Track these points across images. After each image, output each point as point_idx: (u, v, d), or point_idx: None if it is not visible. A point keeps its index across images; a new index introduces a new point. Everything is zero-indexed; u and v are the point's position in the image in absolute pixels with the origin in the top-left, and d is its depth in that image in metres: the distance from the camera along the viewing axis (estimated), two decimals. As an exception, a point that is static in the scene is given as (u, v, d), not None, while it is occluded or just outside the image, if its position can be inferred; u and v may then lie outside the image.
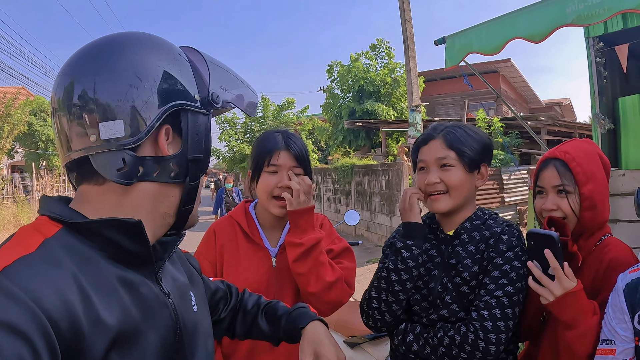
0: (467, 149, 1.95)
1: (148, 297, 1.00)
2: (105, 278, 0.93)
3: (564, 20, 3.70)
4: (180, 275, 1.24)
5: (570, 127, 17.67)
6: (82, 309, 0.84)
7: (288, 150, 2.12)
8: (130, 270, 0.99)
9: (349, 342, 3.60)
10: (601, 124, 5.64)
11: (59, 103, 0.99)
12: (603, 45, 5.54)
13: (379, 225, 14.98)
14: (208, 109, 1.08)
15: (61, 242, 0.91)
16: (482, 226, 1.97)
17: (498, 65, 27.72)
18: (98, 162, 0.98)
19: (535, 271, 1.69)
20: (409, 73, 12.44)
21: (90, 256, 0.93)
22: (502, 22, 4.41)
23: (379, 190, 14.95)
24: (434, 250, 2.02)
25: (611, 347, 1.59)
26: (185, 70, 1.06)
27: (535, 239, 1.72)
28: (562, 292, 1.63)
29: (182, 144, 1.04)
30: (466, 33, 4.94)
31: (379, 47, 23.57)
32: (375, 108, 21.57)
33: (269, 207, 2.13)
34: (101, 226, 0.95)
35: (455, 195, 1.96)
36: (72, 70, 1.00)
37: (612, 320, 1.61)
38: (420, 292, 1.99)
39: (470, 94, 26.49)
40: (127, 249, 0.98)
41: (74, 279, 0.86)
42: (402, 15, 12.28)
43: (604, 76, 5.68)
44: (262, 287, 2.09)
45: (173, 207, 1.08)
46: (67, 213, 0.98)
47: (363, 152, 22.73)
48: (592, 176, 1.87)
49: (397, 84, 22.38)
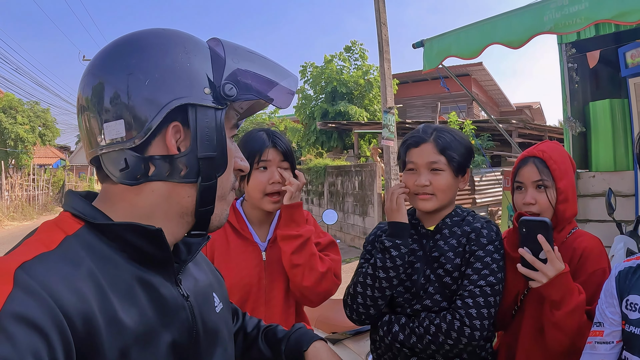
0: (456, 155, 2.05)
1: (166, 299, 0.99)
2: (124, 278, 0.93)
3: (542, 28, 3.78)
4: (203, 275, 1.23)
5: (540, 130, 17.95)
6: (99, 307, 0.84)
7: (275, 148, 2.19)
8: (149, 271, 0.99)
9: (330, 339, 3.59)
10: (572, 127, 5.80)
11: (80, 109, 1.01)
12: (575, 51, 5.68)
13: (352, 225, 15.05)
14: (221, 103, 1.00)
15: (81, 240, 0.92)
16: (461, 222, 2.10)
17: (470, 68, 28.01)
18: (106, 162, 0.98)
19: (528, 256, 1.81)
20: (383, 75, 12.49)
21: (109, 256, 0.94)
22: (480, 27, 4.48)
23: (352, 191, 15.01)
24: (416, 245, 2.11)
25: (600, 329, 1.70)
26: (197, 63, 1.00)
27: (527, 225, 1.84)
28: (555, 274, 1.75)
29: (191, 142, 0.98)
30: (444, 37, 5.00)
31: (353, 49, 23.68)
32: (348, 109, 21.65)
33: (262, 205, 2.19)
34: (122, 229, 0.95)
35: (442, 198, 2.06)
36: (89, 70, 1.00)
37: (603, 304, 1.72)
38: (404, 284, 2.07)
39: (442, 97, 26.71)
40: (146, 251, 0.98)
41: (92, 277, 0.87)
42: (377, 17, 12.34)
43: (576, 81, 5.83)
44: (253, 281, 2.15)
45: (190, 208, 1.04)
46: (90, 211, 0.98)
47: (335, 153, 22.78)
48: (566, 173, 2.07)
49: (371, 86, 22.51)
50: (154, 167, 0.98)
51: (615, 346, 1.66)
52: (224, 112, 1.01)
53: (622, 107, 5.38)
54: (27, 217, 24.89)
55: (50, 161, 41.90)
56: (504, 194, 5.57)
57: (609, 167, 5.54)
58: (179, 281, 1.07)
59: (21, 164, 30.86)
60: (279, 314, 2.19)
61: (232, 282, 2.10)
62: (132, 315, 0.90)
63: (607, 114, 5.45)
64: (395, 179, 12.57)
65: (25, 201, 26.99)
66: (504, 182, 5.58)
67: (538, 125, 19.45)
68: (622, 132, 5.39)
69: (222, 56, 1.03)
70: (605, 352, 1.67)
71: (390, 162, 12.39)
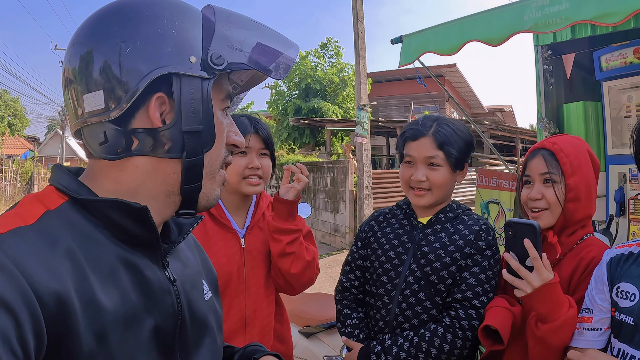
0: (455, 150, 2.01)
1: (150, 282, 0.95)
2: (107, 258, 0.89)
3: (522, 27, 3.78)
4: (193, 260, 1.19)
5: (512, 132, 18.20)
6: (76, 287, 0.80)
7: (257, 134, 2.18)
8: (134, 252, 0.94)
9: (304, 332, 3.64)
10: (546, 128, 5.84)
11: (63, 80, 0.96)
12: (551, 53, 5.72)
13: (323, 222, 15.05)
14: (209, 72, 0.93)
15: (63, 216, 0.88)
16: (455, 219, 2.06)
17: (443, 70, 28.24)
18: (86, 135, 0.95)
19: (513, 262, 1.66)
20: (358, 72, 12.54)
21: (92, 234, 0.89)
22: (460, 24, 4.46)
23: (323, 188, 15.02)
24: (406, 236, 2.09)
25: (589, 315, 1.65)
26: (184, 30, 0.93)
27: (514, 228, 1.69)
28: (540, 284, 1.60)
29: (175, 114, 0.92)
30: (423, 33, 4.98)
31: (328, 46, 23.71)
32: (321, 106, 21.69)
33: (241, 187, 2.16)
34: (105, 206, 0.91)
35: (438, 193, 2.03)
36: (72, 44, 0.94)
37: (593, 289, 1.67)
38: (388, 274, 2.07)
39: (415, 97, 26.90)
40: (131, 231, 0.93)
41: (71, 255, 0.83)
42: (354, 15, 12.37)
43: (550, 83, 5.87)
44: (233, 269, 2.12)
45: (176, 185, 0.98)
46: (74, 186, 0.93)
47: (307, 149, 22.80)
48: (579, 169, 1.87)
49: (345, 84, 22.56)
50: (137, 141, 0.93)
51: (603, 333, 1.62)
52: (212, 82, 0.94)
53: (596, 109, 5.44)
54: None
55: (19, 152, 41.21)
56: (477, 191, 5.59)
57: (581, 169, 5.52)
58: (165, 264, 1.02)
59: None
60: (259, 302, 2.17)
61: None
62: (112, 297, 0.85)
63: (581, 116, 5.50)
64: (367, 176, 12.61)
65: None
66: (478, 179, 5.59)
67: (510, 127, 19.71)
68: (595, 134, 5.44)
69: (212, 23, 0.96)
70: (593, 339, 1.63)
71: (362, 159, 12.44)
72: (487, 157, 17.00)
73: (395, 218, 2.21)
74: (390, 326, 2.03)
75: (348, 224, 13.66)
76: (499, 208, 5.37)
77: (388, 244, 2.12)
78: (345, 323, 2.18)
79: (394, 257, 2.07)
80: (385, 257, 2.10)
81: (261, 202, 2.34)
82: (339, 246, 13.77)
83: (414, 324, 1.99)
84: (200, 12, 0.99)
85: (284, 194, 2.13)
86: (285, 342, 2.32)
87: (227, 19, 0.98)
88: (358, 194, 12.91)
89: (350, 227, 13.60)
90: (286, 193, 2.13)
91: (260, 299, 2.17)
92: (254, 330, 2.12)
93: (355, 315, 2.18)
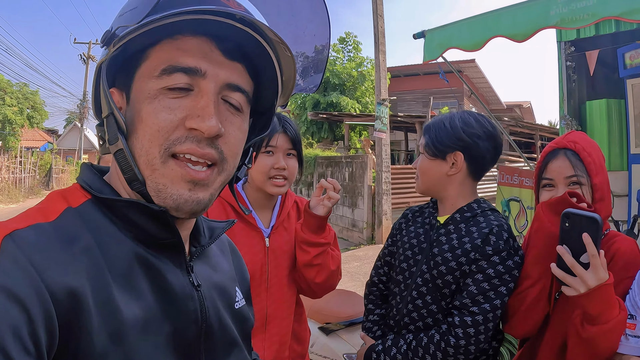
0: (429, 137, 2.07)
1: (172, 286, 0.92)
2: (127, 259, 0.87)
3: (548, 22, 3.74)
4: (227, 266, 1.17)
5: (532, 128, 18.04)
6: (92, 286, 0.79)
7: (285, 133, 2.14)
8: (156, 254, 0.92)
9: (324, 329, 3.62)
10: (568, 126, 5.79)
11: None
12: (574, 49, 5.67)
13: (341, 217, 15.02)
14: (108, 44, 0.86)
15: (85, 215, 0.86)
16: (471, 220, 1.98)
17: (462, 65, 28.02)
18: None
19: (567, 258, 1.52)
20: (377, 67, 12.50)
21: (113, 234, 0.87)
22: (484, 20, 4.42)
23: (341, 182, 14.95)
24: (423, 236, 2.08)
25: (632, 322, 1.53)
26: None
27: (573, 220, 1.52)
28: (596, 284, 1.46)
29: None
30: (446, 28, 4.94)
31: (347, 41, 23.64)
32: (339, 101, 21.64)
33: (266, 187, 2.13)
34: (125, 207, 0.89)
35: (422, 179, 2.11)
36: None
37: (636, 295, 1.55)
38: (404, 273, 2.08)
39: (434, 92, 26.76)
40: (153, 233, 0.91)
41: (90, 254, 0.81)
42: (374, 9, 12.32)
43: (573, 80, 5.82)
44: (257, 267, 2.10)
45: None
46: (98, 185, 0.92)
47: (325, 144, 22.78)
48: (601, 168, 1.81)
49: (363, 78, 22.50)
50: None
51: None
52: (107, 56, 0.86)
53: (619, 107, 5.37)
54: (13, 200, 24.79)
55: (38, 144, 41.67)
56: (498, 188, 5.55)
57: (604, 167, 5.46)
58: (190, 268, 0.99)
59: (8, 146, 30.63)
60: (280, 302, 2.16)
61: None
62: (129, 300, 0.83)
63: (604, 114, 5.44)
64: (386, 171, 12.57)
65: (11, 184, 26.81)
66: (499, 177, 5.56)
67: (529, 123, 19.53)
68: (618, 132, 5.38)
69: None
70: (636, 346, 1.52)
71: (382, 154, 12.39)
72: (506, 154, 16.90)
73: (422, 216, 2.20)
74: (399, 326, 2.05)
75: (366, 219, 13.62)
76: (520, 206, 5.31)
77: (409, 242, 2.13)
78: (367, 318, 2.23)
79: (410, 257, 2.08)
80: (404, 257, 2.11)
81: (287, 201, 2.33)
82: (357, 241, 13.75)
83: (419, 326, 1.97)
84: None
85: (314, 207, 2.12)
86: (303, 342, 2.31)
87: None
88: (376, 189, 12.86)
89: (368, 222, 13.57)
90: (316, 207, 2.12)
91: (282, 299, 2.18)
92: (273, 329, 2.12)
93: (378, 312, 2.22)
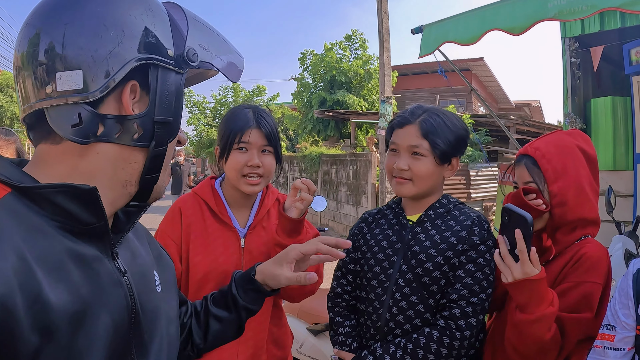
0: (441, 142, 1.90)
1: (101, 274, 0.91)
2: (54, 251, 0.84)
3: (545, 15, 3.66)
4: (144, 251, 1.15)
5: (539, 127, 17.89)
6: (21, 285, 0.75)
7: (259, 129, 2.04)
8: (83, 243, 0.91)
9: (313, 329, 3.61)
10: (572, 124, 5.67)
11: (22, 57, 0.91)
12: (578, 45, 5.56)
13: (345, 215, 14.95)
14: (182, 67, 0.97)
15: (7, 208, 0.82)
16: (446, 215, 1.96)
17: (470, 63, 27.93)
18: (52, 116, 0.90)
19: (502, 247, 1.63)
20: (382, 64, 12.39)
21: (39, 226, 0.85)
22: (481, 13, 4.36)
23: (346, 180, 14.90)
24: (395, 237, 1.99)
25: (611, 333, 1.56)
26: (161, 23, 0.96)
27: (509, 215, 1.65)
28: (521, 277, 1.56)
29: (149, 104, 0.94)
30: (444, 23, 4.89)
31: (354, 38, 23.56)
32: (346, 99, 21.55)
33: (239, 185, 2.05)
34: (51, 192, 0.86)
35: (420, 185, 1.93)
36: (35, 20, 0.91)
37: (616, 304, 1.58)
38: (378, 277, 1.96)
39: (441, 91, 26.67)
40: (79, 218, 0.89)
41: (16, 250, 0.77)
42: (378, 6, 12.22)
43: (578, 77, 5.72)
44: (231, 269, 2.00)
45: (135, 175, 0.98)
46: (17, 176, 0.88)
47: (332, 142, 22.72)
48: (563, 173, 1.86)
49: (370, 76, 22.40)
50: (103, 127, 0.92)
51: (626, 354, 1.52)
52: (184, 76, 0.99)
53: (625, 105, 5.28)
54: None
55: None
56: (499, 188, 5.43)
57: (609, 166, 5.42)
58: (115, 254, 0.99)
59: (18, 143, 30.83)
60: None
61: (208, 269, 2.01)
62: (60, 293, 0.81)
63: (609, 112, 5.35)
64: (389, 170, 12.46)
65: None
66: (500, 175, 5.44)
67: (536, 122, 19.37)
68: (623, 130, 5.29)
69: (185, 22, 1.00)
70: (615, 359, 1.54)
71: (386, 152, 12.29)
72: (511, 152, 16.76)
73: (384, 218, 2.11)
74: (382, 333, 1.93)
75: (369, 217, 13.49)
76: (520, 205, 5.18)
77: (377, 245, 2.02)
78: (338, 331, 2.08)
79: (383, 260, 1.97)
80: (375, 260, 1.99)
81: (267, 199, 2.22)
82: (359, 240, 13.67)
83: (407, 329, 1.88)
84: (166, 10, 1.01)
85: (288, 208, 2.00)
86: (283, 346, 2.21)
87: (195, 19, 1.02)
88: (380, 188, 12.79)
89: (371, 221, 13.43)
90: (290, 208, 1.99)
91: None
92: (247, 333, 1.92)
93: (347, 323, 2.08)
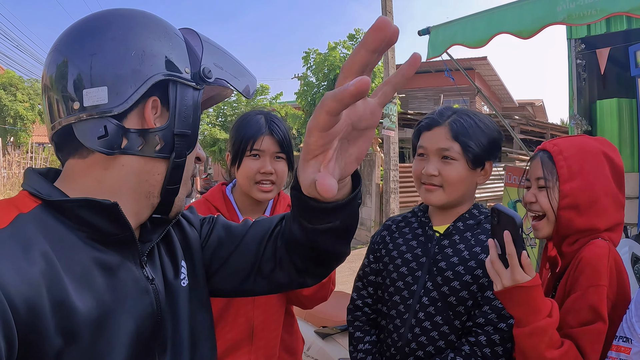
0: (473, 144, 1.74)
1: (126, 282, 0.96)
2: (81, 260, 0.90)
3: (554, 18, 3.66)
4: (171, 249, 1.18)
5: (543, 127, 17.88)
6: (48, 290, 0.81)
7: (271, 135, 2.01)
8: (110, 251, 0.96)
9: (320, 333, 3.56)
10: (578, 125, 5.67)
11: (51, 79, 0.97)
12: (584, 47, 5.56)
13: (348, 215, 14.90)
14: (199, 83, 1.04)
15: (36, 219, 0.88)
16: (476, 227, 1.80)
17: (474, 63, 27.83)
18: (80, 129, 0.94)
19: (492, 252, 1.48)
20: (386, 64, 12.39)
21: (66, 236, 0.90)
22: (489, 16, 4.36)
23: (350, 180, 14.83)
24: (420, 249, 1.83)
25: (626, 345, 1.44)
26: (178, 44, 1.03)
27: (499, 216, 1.48)
28: (510, 284, 1.42)
29: (169, 117, 1.00)
30: (451, 25, 4.88)
31: (357, 37, 23.53)
32: (350, 98, 21.58)
33: (251, 192, 2.03)
34: (75, 206, 0.92)
35: (451, 192, 1.77)
36: (62, 46, 0.98)
37: (632, 317, 1.45)
38: (401, 293, 1.82)
39: (445, 90, 26.62)
40: (103, 230, 0.94)
41: (45, 258, 0.83)
42: (383, 5, 12.23)
43: (583, 78, 5.72)
44: None
45: (158, 186, 1.03)
46: (46, 189, 0.95)
47: (335, 141, 22.72)
48: (579, 173, 1.68)
49: (374, 76, 22.35)
50: (127, 141, 0.97)
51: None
52: (201, 92, 1.05)
53: (630, 107, 5.28)
54: (24, 195, 24.87)
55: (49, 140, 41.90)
56: (505, 189, 5.43)
57: (614, 168, 5.36)
58: (144, 262, 1.04)
59: (20, 142, 30.86)
60: (268, 312, 2.02)
61: None
62: (85, 299, 0.86)
63: (614, 114, 5.35)
64: (394, 170, 12.48)
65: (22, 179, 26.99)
66: (506, 177, 5.43)
67: (540, 122, 19.36)
68: (629, 132, 5.29)
69: (199, 44, 1.07)
70: None
71: (390, 152, 12.30)
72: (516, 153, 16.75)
73: (409, 227, 1.94)
74: (402, 353, 1.78)
75: (374, 217, 13.54)
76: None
77: (400, 258, 1.86)
78: (357, 347, 1.92)
79: (406, 274, 1.82)
80: (397, 274, 1.84)
81: (278, 205, 2.19)
82: (364, 240, 13.68)
83: (430, 351, 1.73)
84: (181, 34, 1.08)
85: None
86: (294, 352, 2.19)
87: (209, 42, 1.09)
88: (384, 188, 12.78)
89: (376, 220, 13.49)
90: None
91: (270, 311, 2.03)
92: (260, 342, 1.99)
93: (368, 339, 1.93)
